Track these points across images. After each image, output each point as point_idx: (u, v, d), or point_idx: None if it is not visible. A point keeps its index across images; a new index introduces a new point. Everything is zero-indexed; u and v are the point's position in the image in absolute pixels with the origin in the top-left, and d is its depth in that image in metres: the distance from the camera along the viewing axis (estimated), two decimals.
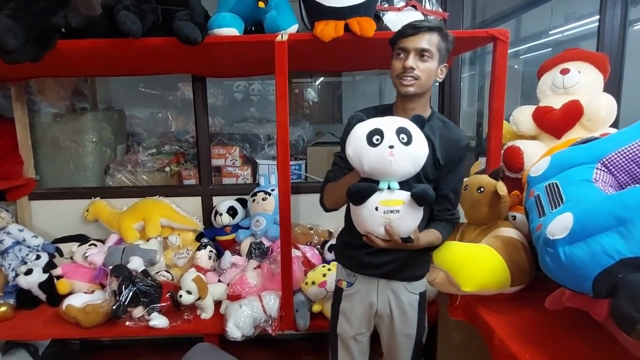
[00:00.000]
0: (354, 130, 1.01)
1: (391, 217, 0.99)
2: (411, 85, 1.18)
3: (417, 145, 0.97)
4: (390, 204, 0.98)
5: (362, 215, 1.01)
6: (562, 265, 0.91)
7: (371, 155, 0.95)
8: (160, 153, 2.46)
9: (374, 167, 0.97)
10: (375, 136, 0.95)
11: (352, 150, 0.99)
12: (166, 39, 1.53)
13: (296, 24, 1.62)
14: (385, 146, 0.94)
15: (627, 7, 2.27)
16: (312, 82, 4.05)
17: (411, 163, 0.97)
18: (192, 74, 2.16)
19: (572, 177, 1.05)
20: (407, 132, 0.97)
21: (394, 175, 0.97)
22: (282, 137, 1.62)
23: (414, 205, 0.99)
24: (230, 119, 2.92)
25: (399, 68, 1.18)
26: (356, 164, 1.00)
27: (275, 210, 2.11)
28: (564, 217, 0.93)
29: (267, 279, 1.82)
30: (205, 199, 2.28)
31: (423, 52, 1.16)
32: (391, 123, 0.98)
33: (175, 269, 2.08)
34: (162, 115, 2.78)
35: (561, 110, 1.89)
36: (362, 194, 0.99)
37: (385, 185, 0.98)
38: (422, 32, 1.16)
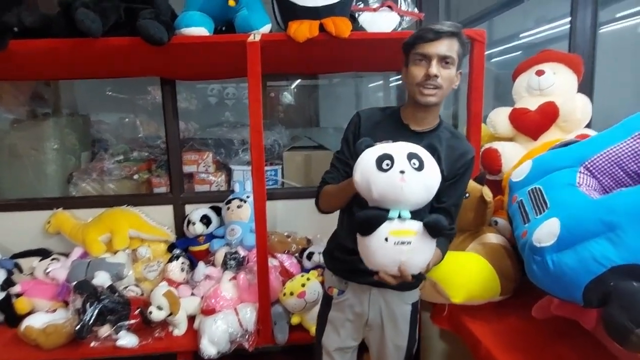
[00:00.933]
0: (362, 155, 0.96)
1: (402, 249, 0.91)
2: (433, 95, 1.11)
3: (429, 171, 0.91)
4: (401, 234, 0.91)
5: (371, 248, 0.93)
6: (551, 274, 0.87)
7: (381, 180, 0.89)
8: (128, 160, 2.34)
9: (384, 194, 0.90)
10: (385, 161, 0.90)
11: (360, 175, 0.93)
12: (130, 39, 1.43)
13: (269, 24, 1.55)
14: (395, 171, 0.88)
15: (596, 9, 2.31)
16: (287, 86, 3.99)
17: (423, 190, 0.91)
18: (161, 76, 2.05)
19: (555, 182, 1.02)
20: (419, 158, 0.91)
21: (405, 202, 0.91)
22: (256, 142, 1.55)
23: (427, 236, 0.92)
24: (205, 123, 2.82)
25: (420, 76, 1.10)
26: (364, 190, 0.94)
27: (251, 218, 2.03)
28: (550, 223, 0.90)
29: (243, 290, 1.74)
30: (177, 207, 2.18)
31: (445, 58, 1.09)
32: (402, 148, 0.93)
33: (146, 282, 1.96)
34: (130, 120, 2.66)
35: (537, 111, 1.89)
36: (372, 223, 0.91)
37: (395, 214, 0.91)
38: (444, 37, 1.09)
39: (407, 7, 1.79)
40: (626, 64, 2.62)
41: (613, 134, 1.02)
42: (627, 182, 1.00)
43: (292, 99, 4.05)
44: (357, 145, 0.99)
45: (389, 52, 1.84)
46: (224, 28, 1.62)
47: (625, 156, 0.98)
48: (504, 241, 1.38)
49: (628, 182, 1.00)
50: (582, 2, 2.30)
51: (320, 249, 2.05)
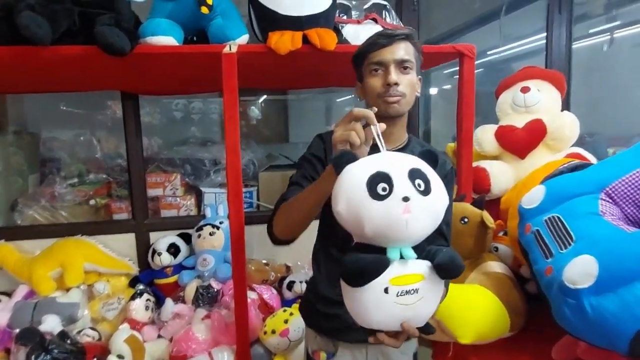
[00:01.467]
0: (345, 176, 0.71)
1: (407, 300, 0.69)
2: (398, 103, 0.97)
3: (437, 193, 0.69)
4: (405, 281, 0.68)
5: (364, 303, 0.69)
6: (588, 320, 0.76)
7: (377, 212, 0.65)
8: (83, 183, 2.10)
9: (382, 230, 0.67)
10: (382, 184, 0.66)
11: (346, 205, 0.68)
12: (85, 48, 1.24)
13: (246, 34, 1.41)
14: (397, 199, 0.65)
15: (571, 25, 2.33)
16: (255, 100, 3.85)
17: (432, 220, 0.69)
18: (122, 90, 1.85)
19: (577, 210, 0.92)
20: (424, 176, 0.69)
21: (410, 239, 0.69)
22: (233, 163, 1.38)
23: (436, 278, 0.71)
24: (169, 140, 2.62)
25: (380, 86, 0.97)
26: (352, 226, 0.70)
27: (225, 246, 1.85)
28: (583, 261, 0.79)
29: (218, 331, 1.54)
30: (140, 235, 1.96)
31: (404, 63, 0.97)
32: (399, 164, 0.69)
33: (104, 323, 1.73)
34: (86, 137, 2.41)
35: (524, 129, 1.84)
36: (367, 273, 0.68)
37: (396, 255, 0.69)
38: (398, 41, 0.98)
39: (392, 21, 1.70)
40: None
41: (634, 157, 0.93)
42: None
43: (260, 114, 3.90)
44: (335, 161, 0.73)
45: None
46: (195, 38, 1.46)
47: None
48: (507, 270, 1.28)
49: None
50: (557, 19, 2.32)
51: (301, 277, 1.89)
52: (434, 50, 1.55)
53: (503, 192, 1.84)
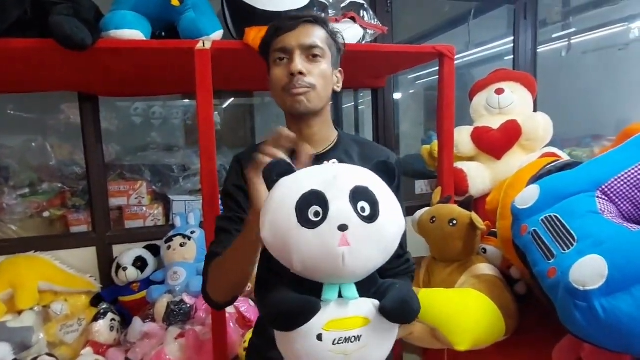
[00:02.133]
0: (274, 193, 0.59)
1: (347, 349, 0.56)
2: (305, 96, 0.83)
3: (388, 217, 0.57)
4: (344, 325, 0.56)
5: (294, 349, 0.57)
6: (601, 323, 0.73)
7: (306, 242, 0.54)
8: (36, 193, 1.90)
9: (313, 265, 0.55)
10: (314, 207, 0.54)
11: (271, 232, 0.57)
12: (38, 41, 1.11)
13: (221, 30, 1.32)
14: (331, 227, 0.53)
15: (536, 29, 2.40)
16: (219, 105, 3.73)
17: (379, 251, 0.57)
18: (79, 91, 1.70)
19: (575, 209, 0.90)
20: (370, 197, 0.56)
21: (349, 276, 0.57)
22: (208, 168, 1.28)
23: (385, 322, 0.58)
24: (128, 146, 2.45)
25: (283, 76, 0.84)
26: (279, 255, 0.58)
27: (197, 258, 1.72)
28: (591, 261, 0.77)
29: (193, 350, 1.42)
30: (102, 249, 1.80)
31: (312, 49, 0.84)
32: (341, 180, 0.57)
33: (63, 347, 1.56)
34: (38, 143, 2.20)
35: (500, 130, 1.86)
36: (293, 317, 0.55)
37: (332, 294, 0.57)
38: (304, 24, 0.85)
39: (370, 20, 1.67)
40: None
41: (628, 154, 0.93)
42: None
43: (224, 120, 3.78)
44: (265, 175, 0.62)
45: (354, 66, 1.70)
46: (164, 33, 1.35)
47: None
48: (497, 272, 1.27)
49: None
50: (523, 24, 2.38)
51: None
52: (413, 50, 1.53)
53: (480, 193, 1.85)
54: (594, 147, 2.85)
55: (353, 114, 3.10)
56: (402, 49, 1.52)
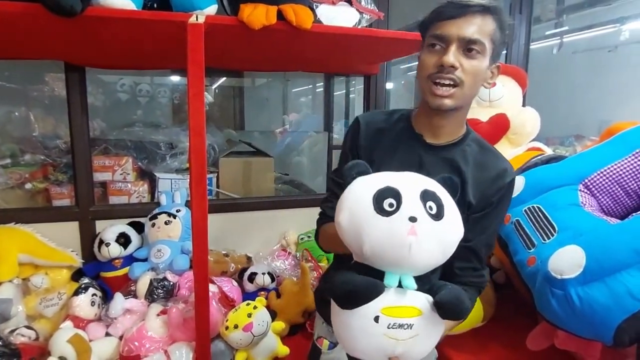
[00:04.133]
0: (353, 187, 0.66)
1: (399, 335, 0.61)
2: (449, 97, 0.79)
3: (450, 221, 0.63)
4: (399, 313, 0.61)
5: (352, 329, 0.63)
6: (576, 311, 0.75)
7: (379, 229, 0.59)
8: (18, 164, 1.86)
9: (382, 250, 0.60)
10: (388, 200, 0.60)
11: (349, 217, 0.62)
12: (25, 5, 1.07)
13: (215, 5, 1.28)
14: (403, 217, 0.59)
15: (530, 25, 2.42)
16: (209, 85, 3.68)
17: (439, 249, 0.62)
18: (66, 61, 1.65)
19: (557, 201, 0.93)
20: (437, 199, 0.62)
21: (412, 266, 0.62)
22: (197, 146, 1.26)
23: (435, 317, 0.63)
24: (113, 123, 2.41)
25: (432, 66, 0.80)
26: (351, 240, 0.63)
27: (182, 236, 1.72)
28: (570, 251, 0.79)
29: (175, 327, 1.43)
30: (84, 224, 1.77)
31: (470, 43, 0.78)
32: (412, 182, 0.64)
33: (42, 321, 1.54)
34: (21, 114, 2.15)
35: (489, 123, 1.88)
36: (359, 296, 0.61)
37: (393, 281, 0.62)
38: (471, 14, 0.78)
39: (368, 4, 1.65)
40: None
41: (612, 150, 0.95)
42: (625, 201, 0.94)
43: (214, 100, 3.74)
44: (345, 172, 0.68)
45: (349, 51, 1.69)
46: (155, 5, 1.32)
47: (626, 174, 0.92)
48: None
49: (626, 201, 0.94)
50: (517, 18, 2.39)
51: (263, 268, 1.81)
52: (411, 37, 1.51)
53: None
54: (576, 146, 2.92)
55: (344, 101, 3.09)
56: (398, 35, 1.51)
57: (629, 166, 0.92)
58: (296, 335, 1.66)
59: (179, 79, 3.17)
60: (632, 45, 3.15)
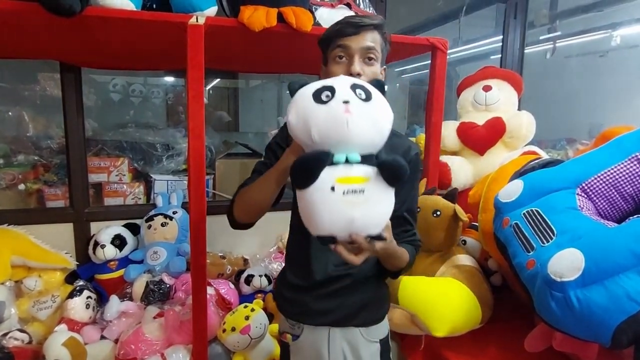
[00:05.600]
0: (297, 93, 0.78)
1: (354, 200, 0.71)
2: None
3: (378, 103, 0.75)
4: (351, 181, 0.71)
5: (313, 203, 0.72)
6: (575, 313, 0.76)
7: (320, 114, 0.72)
8: (10, 165, 1.83)
9: (325, 131, 0.72)
10: (325, 92, 0.73)
11: (296, 114, 0.74)
12: (23, 4, 1.06)
13: (215, 7, 1.28)
14: (338, 102, 0.72)
15: (525, 30, 2.44)
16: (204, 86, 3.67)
17: (373, 126, 0.74)
18: (61, 61, 1.63)
19: (556, 205, 0.94)
20: (365, 88, 0.75)
21: (352, 140, 0.73)
22: (196, 148, 1.26)
23: (383, 183, 0.73)
24: (105, 123, 2.39)
25: (342, 74, 0.93)
26: (301, 132, 0.75)
27: (179, 238, 1.71)
28: (569, 254, 0.80)
29: (172, 329, 1.42)
30: (79, 225, 1.75)
31: (369, 52, 0.96)
32: (344, 80, 0.77)
33: (36, 324, 1.53)
34: (14, 114, 2.12)
35: (485, 126, 1.89)
36: (311, 167, 0.71)
37: (341, 158, 0.72)
38: (366, 30, 0.96)
39: (366, 8, 1.66)
40: None
41: (608, 155, 0.97)
42: (621, 205, 0.96)
43: (208, 101, 3.73)
44: (290, 87, 0.81)
45: None
46: (154, 5, 1.31)
47: (622, 179, 0.94)
48: (475, 263, 1.30)
49: (622, 205, 0.96)
50: (512, 23, 2.42)
51: (260, 270, 1.81)
52: (407, 41, 1.52)
53: (462, 188, 1.89)
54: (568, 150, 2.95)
55: None
56: (395, 39, 1.52)
57: (624, 171, 0.93)
58: None
59: (173, 79, 3.16)
60: (623, 50, 3.20)
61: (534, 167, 1.15)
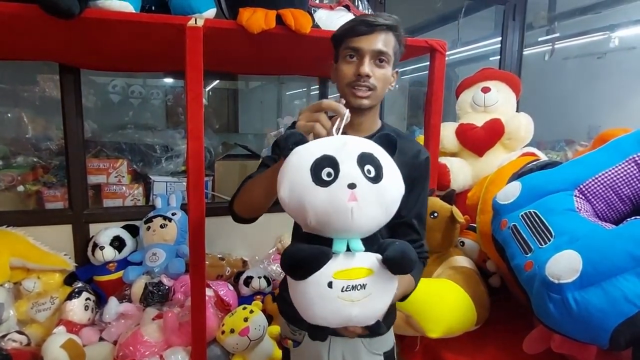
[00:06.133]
0: (291, 159, 0.66)
1: (353, 296, 0.63)
2: (367, 98, 0.94)
3: (390, 180, 0.64)
4: (351, 275, 0.62)
5: (307, 297, 0.64)
6: (573, 315, 0.76)
7: (320, 199, 0.61)
8: (10, 166, 1.83)
9: (325, 218, 0.62)
10: (326, 169, 0.61)
11: (289, 190, 0.64)
12: (22, 6, 1.06)
13: (214, 9, 1.28)
14: (342, 185, 0.60)
15: (523, 31, 2.45)
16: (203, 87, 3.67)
17: (382, 210, 0.64)
18: (61, 62, 1.63)
19: (553, 207, 0.94)
20: (374, 161, 0.64)
21: (356, 230, 0.63)
22: (195, 149, 1.26)
23: (387, 273, 0.65)
24: (105, 124, 2.39)
25: (351, 75, 0.93)
26: (295, 213, 0.65)
27: (178, 240, 1.71)
28: (567, 256, 0.80)
29: (171, 331, 1.42)
30: (78, 227, 1.75)
31: (380, 55, 0.93)
32: (349, 147, 0.64)
33: (34, 326, 1.53)
34: (13, 115, 2.12)
35: (484, 128, 1.90)
36: (308, 264, 0.62)
37: (341, 247, 0.63)
38: (379, 31, 0.92)
39: (365, 9, 1.66)
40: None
41: (606, 157, 0.97)
42: (619, 206, 0.96)
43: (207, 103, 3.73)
44: (282, 143, 0.69)
45: None
46: (153, 7, 1.31)
47: (620, 181, 0.94)
48: (473, 264, 1.31)
49: (620, 206, 0.96)
50: (511, 25, 2.42)
51: (259, 272, 1.81)
52: (406, 42, 1.52)
53: (460, 189, 1.89)
54: (567, 151, 2.96)
55: None
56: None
57: (622, 173, 0.93)
58: None
59: (172, 81, 3.16)
60: (621, 52, 3.21)
61: (532, 169, 1.16)
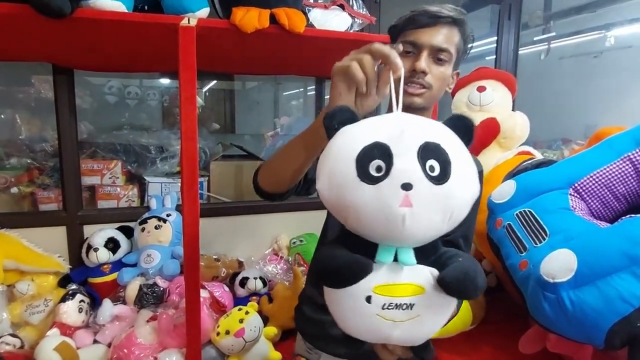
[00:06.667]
0: (335, 142, 0.53)
1: (396, 316, 0.52)
2: (419, 95, 0.83)
3: (459, 180, 0.49)
4: (395, 292, 0.51)
5: (342, 306, 0.54)
6: (568, 314, 0.76)
7: (364, 199, 0.47)
8: (4, 168, 1.82)
9: (369, 225, 0.49)
10: (376, 161, 0.48)
11: (328, 184, 0.50)
12: (13, 6, 1.05)
13: (207, 8, 1.28)
14: (394, 185, 0.47)
15: (519, 31, 2.45)
16: (199, 88, 3.66)
17: (444, 217, 0.49)
18: (54, 63, 1.62)
19: (548, 205, 0.94)
20: (441, 155, 0.48)
21: (407, 240, 0.51)
22: (189, 150, 1.25)
23: (441, 295, 0.52)
24: (101, 126, 2.38)
25: (405, 70, 0.81)
26: (333, 208, 0.52)
27: (172, 241, 1.70)
28: (562, 255, 0.80)
29: (166, 333, 1.40)
30: (72, 229, 1.74)
31: (440, 51, 0.84)
32: (410, 133, 0.49)
33: (28, 328, 1.51)
34: (7, 117, 2.10)
35: (479, 127, 1.90)
36: (344, 277, 0.51)
37: (387, 257, 0.51)
38: (442, 24, 0.83)
39: (360, 9, 1.66)
40: None
41: (601, 155, 0.97)
42: (614, 205, 0.96)
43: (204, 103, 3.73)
44: (326, 122, 0.55)
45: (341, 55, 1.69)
46: (146, 7, 1.30)
47: (614, 179, 0.94)
48: None
49: (615, 205, 0.96)
50: (506, 24, 2.43)
51: (255, 272, 1.80)
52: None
53: None
54: (564, 150, 2.96)
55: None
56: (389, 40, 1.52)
57: (617, 171, 0.93)
58: (288, 340, 1.64)
59: (169, 81, 3.16)
60: (616, 51, 3.22)
61: (526, 168, 1.16)
